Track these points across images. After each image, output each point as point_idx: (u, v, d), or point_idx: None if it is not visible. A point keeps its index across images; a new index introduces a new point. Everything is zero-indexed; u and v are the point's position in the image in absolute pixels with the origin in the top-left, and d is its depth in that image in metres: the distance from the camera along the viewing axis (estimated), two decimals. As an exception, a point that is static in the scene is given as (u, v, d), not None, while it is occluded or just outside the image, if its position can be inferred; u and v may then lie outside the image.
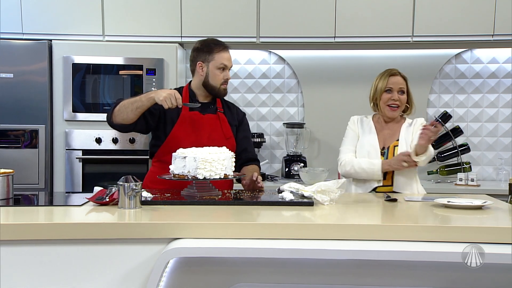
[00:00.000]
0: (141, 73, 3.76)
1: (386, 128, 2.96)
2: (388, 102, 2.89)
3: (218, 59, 2.79)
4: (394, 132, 2.93)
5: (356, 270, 1.86)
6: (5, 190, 2.35)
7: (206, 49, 2.81)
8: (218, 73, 2.79)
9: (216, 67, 2.79)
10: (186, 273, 1.85)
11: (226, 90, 2.86)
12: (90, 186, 2.84)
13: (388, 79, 2.92)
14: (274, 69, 4.30)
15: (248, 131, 3.01)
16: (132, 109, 2.61)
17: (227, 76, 2.82)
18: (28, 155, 3.72)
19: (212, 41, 2.87)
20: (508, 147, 4.20)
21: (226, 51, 2.82)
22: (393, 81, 2.90)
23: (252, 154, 2.93)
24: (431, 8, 3.79)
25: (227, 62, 2.80)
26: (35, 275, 1.85)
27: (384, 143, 2.92)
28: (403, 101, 2.91)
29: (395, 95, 2.89)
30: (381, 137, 2.94)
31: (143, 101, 2.60)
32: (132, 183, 2.09)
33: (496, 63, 4.19)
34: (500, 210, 2.21)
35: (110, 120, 2.71)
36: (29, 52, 3.72)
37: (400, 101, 2.89)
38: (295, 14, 3.84)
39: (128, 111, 2.62)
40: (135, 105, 2.60)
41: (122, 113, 2.64)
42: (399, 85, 2.89)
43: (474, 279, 1.83)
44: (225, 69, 2.80)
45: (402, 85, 2.90)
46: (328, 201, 2.25)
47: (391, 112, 2.91)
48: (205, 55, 2.80)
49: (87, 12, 3.82)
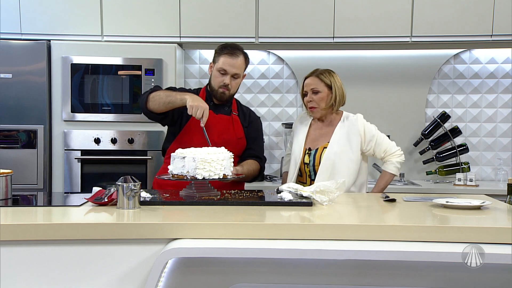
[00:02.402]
0: (140, 73, 3.76)
1: (320, 128, 2.97)
2: (307, 104, 2.93)
3: (220, 62, 2.79)
4: (327, 133, 2.92)
5: (355, 270, 1.86)
6: (3, 191, 2.35)
7: (218, 51, 2.84)
8: (218, 76, 2.80)
9: (217, 69, 2.80)
10: (185, 274, 1.85)
11: (224, 94, 2.83)
12: (88, 187, 2.83)
13: (303, 82, 2.95)
14: (273, 69, 4.30)
15: (258, 133, 3.01)
16: (164, 102, 2.68)
17: (225, 81, 2.79)
18: (26, 155, 3.72)
19: (229, 44, 2.87)
20: (507, 147, 4.21)
21: (233, 57, 2.78)
22: (306, 83, 2.92)
23: (256, 152, 2.95)
24: (430, 8, 3.79)
25: (227, 67, 2.78)
26: (33, 275, 1.85)
27: (315, 144, 2.91)
28: (318, 101, 2.88)
29: (309, 97, 2.90)
30: (313, 137, 2.94)
31: (177, 98, 2.65)
32: (130, 184, 2.09)
33: (495, 63, 4.19)
34: (499, 210, 2.21)
35: (145, 104, 2.75)
36: (28, 52, 3.72)
37: (315, 101, 2.88)
38: (294, 14, 3.84)
39: (160, 102, 2.69)
40: (168, 99, 2.67)
41: (155, 102, 2.70)
42: (310, 86, 2.89)
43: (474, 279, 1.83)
44: (225, 74, 2.79)
45: (313, 85, 2.88)
46: (327, 201, 2.25)
47: (312, 113, 2.94)
48: (215, 56, 2.84)
49: (86, 12, 3.82)
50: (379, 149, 2.89)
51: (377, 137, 2.88)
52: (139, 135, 3.75)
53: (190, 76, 4.31)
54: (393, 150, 2.90)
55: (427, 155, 4.17)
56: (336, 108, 2.93)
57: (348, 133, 2.87)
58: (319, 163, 2.84)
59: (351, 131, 2.88)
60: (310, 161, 2.88)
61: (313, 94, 2.88)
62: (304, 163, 2.90)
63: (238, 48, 2.83)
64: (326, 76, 2.89)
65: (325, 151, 2.85)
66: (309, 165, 2.88)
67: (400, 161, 2.91)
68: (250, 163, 2.85)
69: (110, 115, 3.78)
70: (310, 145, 2.92)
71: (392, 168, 2.89)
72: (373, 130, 2.90)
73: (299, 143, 2.94)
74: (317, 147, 2.90)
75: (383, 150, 2.89)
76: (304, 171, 2.90)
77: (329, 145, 2.86)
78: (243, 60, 2.82)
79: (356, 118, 2.92)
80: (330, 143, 2.87)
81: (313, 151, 2.89)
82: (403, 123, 4.22)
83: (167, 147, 2.89)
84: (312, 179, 2.86)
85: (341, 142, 2.86)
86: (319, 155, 2.86)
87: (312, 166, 2.87)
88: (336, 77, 2.92)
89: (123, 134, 3.77)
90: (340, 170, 2.81)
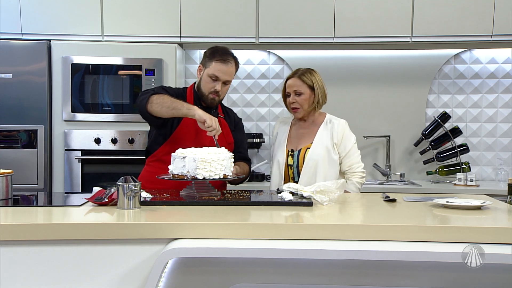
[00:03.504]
0: (140, 74, 3.76)
1: (303, 128, 2.96)
2: (289, 105, 2.92)
3: (212, 68, 2.72)
4: (311, 133, 2.92)
5: (355, 271, 1.86)
6: (4, 191, 2.35)
7: (209, 55, 2.76)
8: (208, 82, 2.74)
9: (208, 74, 2.73)
10: (185, 274, 1.85)
11: (214, 100, 2.78)
12: (89, 187, 2.83)
13: (285, 83, 2.93)
14: (273, 70, 4.30)
15: (243, 135, 3.01)
16: (168, 108, 2.58)
17: (216, 87, 2.73)
18: (27, 156, 3.72)
19: (220, 49, 2.79)
20: (507, 147, 4.21)
21: (226, 63, 2.73)
22: (289, 84, 2.91)
23: (244, 154, 2.94)
24: (430, 8, 3.79)
25: (219, 74, 2.72)
26: (34, 275, 1.85)
27: (298, 145, 2.91)
28: (301, 102, 2.88)
29: (292, 98, 2.89)
30: (295, 139, 2.93)
31: (184, 107, 2.55)
32: (131, 184, 2.09)
33: (495, 63, 4.19)
34: (499, 210, 2.21)
35: (145, 105, 2.65)
36: (28, 52, 3.72)
37: (298, 102, 2.88)
38: (294, 14, 3.84)
39: (163, 107, 2.59)
40: (173, 105, 2.57)
41: (157, 106, 2.60)
42: (293, 87, 2.88)
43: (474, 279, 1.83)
44: (216, 80, 2.73)
45: (296, 87, 2.87)
46: (327, 202, 2.25)
47: (295, 114, 2.93)
48: (206, 60, 2.77)
49: (86, 12, 3.82)
50: (345, 162, 2.89)
51: (351, 150, 2.89)
52: (140, 135, 3.75)
53: (191, 76, 4.31)
54: (357, 170, 2.90)
55: (428, 155, 4.17)
56: (319, 107, 2.93)
57: (331, 135, 2.88)
58: (302, 163, 2.84)
59: (333, 133, 2.88)
60: (294, 162, 2.87)
61: (296, 95, 2.88)
62: (288, 165, 2.89)
63: (229, 53, 2.78)
64: (308, 77, 2.89)
65: (308, 152, 2.85)
66: (293, 166, 2.88)
67: (361, 182, 2.92)
68: (243, 165, 2.84)
69: (110, 115, 3.78)
70: (292, 147, 2.92)
71: (353, 188, 2.88)
72: (351, 140, 2.90)
73: (281, 145, 2.93)
74: (299, 147, 2.89)
75: (349, 165, 2.89)
76: (287, 173, 2.89)
77: (312, 145, 2.86)
78: (234, 66, 2.78)
79: (339, 122, 2.92)
80: (313, 144, 2.87)
81: (296, 152, 2.89)
82: (404, 123, 4.22)
83: (154, 149, 2.80)
84: (295, 181, 2.85)
85: (324, 143, 2.86)
86: (302, 156, 2.86)
87: (296, 168, 2.87)
88: (318, 76, 2.92)
89: (124, 134, 3.77)
90: (323, 171, 2.81)
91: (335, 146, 2.86)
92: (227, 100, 4.24)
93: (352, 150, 2.89)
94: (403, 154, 4.24)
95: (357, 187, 2.89)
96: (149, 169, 2.81)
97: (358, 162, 2.91)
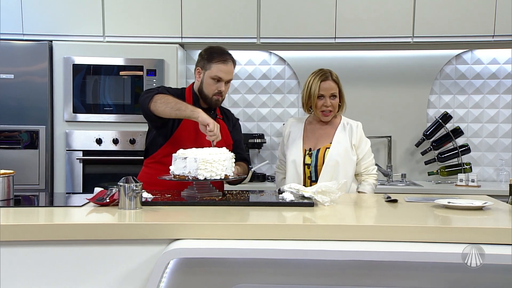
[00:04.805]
0: (142, 74, 3.76)
1: (319, 129, 2.96)
2: (321, 108, 2.89)
3: (214, 70, 2.71)
4: (328, 134, 2.92)
5: (356, 271, 1.86)
6: (5, 191, 2.36)
7: (207, 57, 2.75)
8: (212, 84, 2.73)
9: (210, 76, 2.72)
10: (187, 274, 1.85)
11: (219, 101, 2.78)
12: (90, 187, 2.83)
13: (319, 85, 2.87)
14: (274, 70, 4.30)
15: (240, 135, 3.01)
16: (172, 108, 2.56)
17: (220, 88, 2.73)
18: (28, 156, 3.72)
19: (216, 49, 2.78)
20: (509, 148, 4.20)
21: (227, 63, 2.73)
22: (325, 87, 2.86)
23: (242, 154, 2.93)
24: (432, 9, 3.79)
25: (222, 75, 2.72)
26: (35, 276, 1.85)
27: (316, 145, 2.90)
28: (336, 106, 2.89)
29: (328, 101, 2.86)
30: (313, 139, 2.93)
31: (188, 108, 2.55)
32: (132, 184, 2.09)
33: (497, 63, 4.19)
34: (501, 211, 2.21)
35: (148, 104, 2.62)
36: (30, 53, 3.72)
37: (333, 106, 2.88)
38: (295, 14, 3.84)
39: (167, 107, 2.57)
40: (177, 106, 2.56)
41: (161, 105, 2.58)
42: (330, 90, 2.86)
43: (474, 279, 1.83)
44: (219, 81, 2.72)
45: (333, 90, 2.87)
46: (329, 202, 2.25)
47: (324, 117, 2.91)
48: (205, 62, 2.75)
49: (88, 12, 3.83)
50: (362, 163, 2.90)
51: (366, 152, 2.91)
52: (141, 135, 3.75)
53: (192, 76, 4.29)
54: (373, 171, 2.94)
55: (429, 155, 4.17)
56: (342, 111, 2.96)
57: (349, 137, 2.89)
58: (322, 163, 2.84)
59: (352, 135, 2.90)
60: (312, 161, 2.87)
61: (331, 98, 2.88)
62: (305, 164, 2.89)
63: (226, 52, 2.77)
64: (339, 80, 2.92)
65: (328, 151, 2.85)
66: (311, 165, 2.87)
67: (376, 183, 2.95)
68: (243, 165, 2.84)
69: (111, 116, 3.78)
70: (310, 146, 2.92)
71: (369, 189, 2.89)
72: (368, 143, 2.94)
73: (296, 144, 2.92)
74: (318, 147, 2.89)
75: (365, 166, 2.91)
76: (304, 172, 2.89)
77: (332, 145, 2.86)
78: (232, 64, 2.78)
79: (356, 125, 2.94)
80: (333, 143, 2.87)
81: (315, 152, 2.88)
82: (405, 124, 4.22)
83: (154, 150, 2.79)
84: (312, 180, 2.85)
85: (344, 143, 2.87)
86: (321, 155, 2.86)
87: (314, 167, 2.86)
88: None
89: (125, 134, 3.77)
90: (343, 171, 2.82)
91: (353, 148, 2.88)
92: (228, 100, 4.24)
93: (368, 153, 2.92)
94: (404, 155, 4.24)
95: (373, 188, 2.92)
96: (147, 170, 2.80)
97: (373, 164, 2.95)
